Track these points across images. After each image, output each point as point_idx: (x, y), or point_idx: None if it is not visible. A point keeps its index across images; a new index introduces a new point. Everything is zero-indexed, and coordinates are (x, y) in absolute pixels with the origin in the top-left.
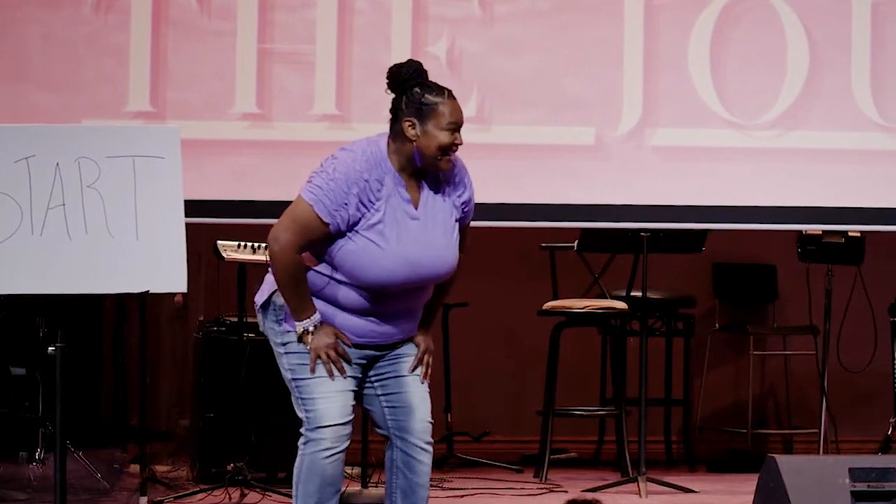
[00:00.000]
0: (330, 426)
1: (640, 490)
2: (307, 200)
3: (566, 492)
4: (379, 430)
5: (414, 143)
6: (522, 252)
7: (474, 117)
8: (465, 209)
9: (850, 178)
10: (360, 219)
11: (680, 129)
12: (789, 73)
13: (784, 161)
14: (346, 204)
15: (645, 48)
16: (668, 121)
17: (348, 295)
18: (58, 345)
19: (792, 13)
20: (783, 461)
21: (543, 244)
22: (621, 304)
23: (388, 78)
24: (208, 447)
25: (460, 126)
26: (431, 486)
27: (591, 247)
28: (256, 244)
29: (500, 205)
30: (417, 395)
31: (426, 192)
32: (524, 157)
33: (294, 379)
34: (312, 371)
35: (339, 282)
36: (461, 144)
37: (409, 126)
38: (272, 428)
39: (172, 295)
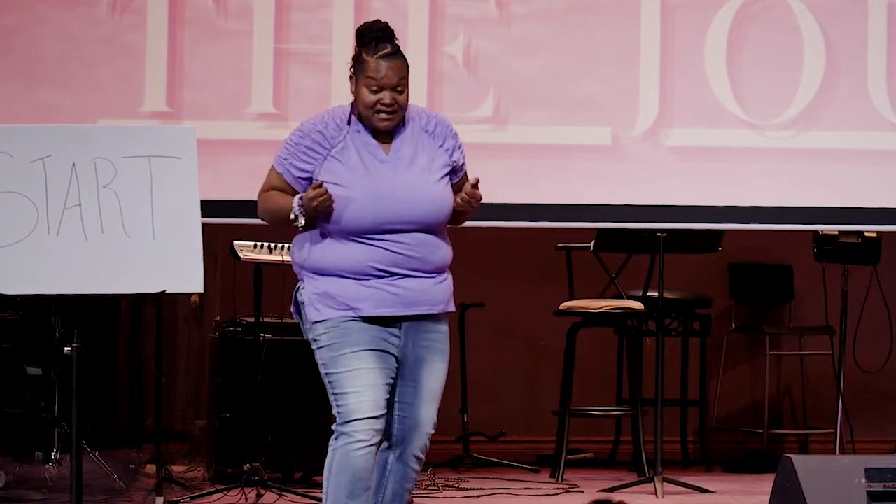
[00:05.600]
0: (361, 419)
1: (656, 490)
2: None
3: (583, 492)
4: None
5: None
6: (538, 252)
7: (490, 117)
8: (455, 158)
9: (867, 178)
10: (319, 167)
11: (696, 129)
12: (805, 72)
13: (800, 161)
14: (297, 154)
15: (661, 48)
16: (684, 121)
17: (345, 249)
18: (74, 345)
19: (808, 13)
20: (799, 461)
21: (559, 244)
22: (637, 305)
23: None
24: (224, 447)
25: (389, 87)
26: (447, 486)
27: (608, 247)
28: (273, 244)
29: (516, 205)
30: (426, 411)
31: (399, 142)
32: (540, 157)
33: (327, 373)
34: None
35: (328, 236)
36: (393, 104)
37: (350, 81)
38: (289, 428)
39: (189, 295)
